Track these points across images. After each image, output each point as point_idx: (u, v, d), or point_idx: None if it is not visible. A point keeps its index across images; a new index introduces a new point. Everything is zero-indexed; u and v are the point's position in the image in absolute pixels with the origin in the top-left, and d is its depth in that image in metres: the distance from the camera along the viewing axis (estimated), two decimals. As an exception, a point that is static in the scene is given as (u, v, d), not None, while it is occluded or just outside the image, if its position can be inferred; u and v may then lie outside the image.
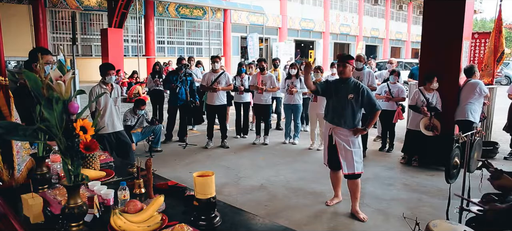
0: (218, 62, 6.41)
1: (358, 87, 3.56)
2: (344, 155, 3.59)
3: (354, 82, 3.60)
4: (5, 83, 2.15)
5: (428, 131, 5.12)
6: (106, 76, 4.43)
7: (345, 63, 3.57)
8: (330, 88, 3.71)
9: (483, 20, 44.51)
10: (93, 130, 1.48)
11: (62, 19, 14.23)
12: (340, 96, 3.61)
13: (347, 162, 3.58)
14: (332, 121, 3.65)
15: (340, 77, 3.65)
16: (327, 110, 3.75)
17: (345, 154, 3.58)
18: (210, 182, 1.63)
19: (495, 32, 6.43)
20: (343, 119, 3.58)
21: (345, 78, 3.61)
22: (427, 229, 2.17)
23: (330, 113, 3.70)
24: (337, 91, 3.65)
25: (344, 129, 3.59)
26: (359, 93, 3.53)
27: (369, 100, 3.55)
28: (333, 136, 3.65)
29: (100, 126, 4.14)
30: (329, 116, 3.70)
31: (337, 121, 3.61)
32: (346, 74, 3.60)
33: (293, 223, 3.50)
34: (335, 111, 3.64)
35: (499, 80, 16.30)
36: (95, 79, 9.33)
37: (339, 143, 3.60)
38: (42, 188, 2.01)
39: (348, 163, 3.58)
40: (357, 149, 3.61)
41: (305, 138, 6.86)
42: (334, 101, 3.66)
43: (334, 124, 3.64)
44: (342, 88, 3.62)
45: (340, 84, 3.66)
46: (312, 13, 23.06)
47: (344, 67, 3.57)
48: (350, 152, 3.57)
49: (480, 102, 5.26)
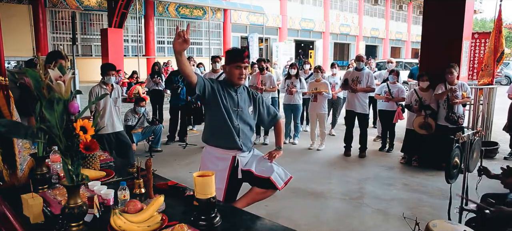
0: (218, 62, 6.41)
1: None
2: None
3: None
4: (5, 83, 2.15)
5: (422, 129, 5.12)
6: (105, 77, 4.44)
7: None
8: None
9: (483, 20, 44.51)
10: (93, 130, 1.48)
11: (62, 19, 14.23)
12: None
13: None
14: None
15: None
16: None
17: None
18: (210, 182, 1.63)
19: (495, 32, 6.43)
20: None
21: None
22: (427, 229, 2.17)
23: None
24: None
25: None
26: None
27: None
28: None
29: (100, 126, 4.13)
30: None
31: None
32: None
33: (293, 223, 3.50)
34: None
35: (499, 80, 16.29)
36: (95, 79, 9.33)
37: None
38: (42, 188, 2.00)
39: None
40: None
41: (305, 138, 6.86)
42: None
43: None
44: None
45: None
46: (312, 13, 23.07)
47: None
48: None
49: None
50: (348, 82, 5.79)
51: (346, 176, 4.98)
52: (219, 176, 2.53)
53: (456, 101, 4.91)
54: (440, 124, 5.09)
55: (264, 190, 2.65)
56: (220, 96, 2.54)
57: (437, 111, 5.14)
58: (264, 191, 2.66)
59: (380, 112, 6.39)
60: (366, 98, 5.88)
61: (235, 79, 2.54)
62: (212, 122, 2.63)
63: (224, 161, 2.64)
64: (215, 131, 2.63)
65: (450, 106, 4.97)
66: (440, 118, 5.11)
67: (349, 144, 6.01)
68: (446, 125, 5.02)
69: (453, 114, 4.95)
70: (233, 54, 2.55)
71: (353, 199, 4.17)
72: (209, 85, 2.48)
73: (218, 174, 2.49)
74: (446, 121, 5.00)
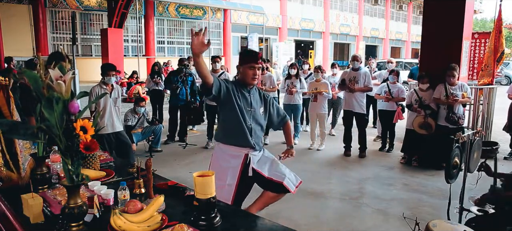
0: (218, 62, 6.41)
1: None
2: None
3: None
4: (5, 83, 2.15)
5: (422, 129, 5.12)
6: (105, 77, 4.44)
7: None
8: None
9: (483, 20, 44.49)
10: (93, 130, 1.48)
11: (62, 19, 14.23)
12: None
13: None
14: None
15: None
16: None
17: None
18: (210, 182, 1.63)
19: (495, 32, 6.42)
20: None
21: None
22: (427, 229, 2.17)
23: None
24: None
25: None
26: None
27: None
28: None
29: (100, 126, 4.14)
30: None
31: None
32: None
33: (293, 223, 3.50)
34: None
35: (499, 80, 16.29)
36: (95, 79, 9.33)
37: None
38: (42, 188, 2.00)
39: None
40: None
41: (305, 138, 6.86)
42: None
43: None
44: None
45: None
46: (312, 13, 23.07)
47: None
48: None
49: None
50: (346, 82, 5.80)
51: (346, 176, 4.98)
52: (231, 173, 2.64)
53: (456, 99, 4.91)
54: (440, 124, 5.09)
55: (276, 194, 2.75)
56: (235, 96, 2.61)
57: (437, 112, 5.14)
58: (276, 195, 2.76)
59: (380, 112, 6.39)
60: (363, 98, 5.88)
61: (249, 79, 2.63)
62: (226, 121, 2.69)
63: (237, 158, 2.70)
64: (229, 129, 2.69)
65: (450, 106, 4.97)
66: (440, 118, 5.11)
67: (349, 144, 6.01)
68: (446, 125, 5.02)
69: (453, 115, 4.95)
70: (247, 55, 2.66)
71: (353, 199, 4.17)
72: (224, 86, 2.55)
73: (230, 170, 2.61)
74: (447, 121, 5.00)
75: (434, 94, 5.11)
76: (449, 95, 4.93)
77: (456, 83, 4.99)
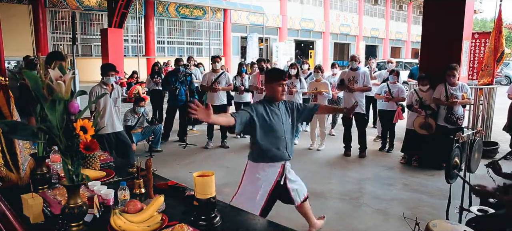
0: (218, 62, 6.41)
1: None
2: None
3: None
4: (5, 83, 2.15)
5: (422, 129, 5.12)
6: (105, 77, 4.44)
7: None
8: None
9: (483, 20, 44.48)
10: (93, 130, 1.48)
11: (62, 19, 14.24)
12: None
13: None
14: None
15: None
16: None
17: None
18: (210, 182, 1.63)
19: (495, 32, 6.42)
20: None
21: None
22: (427, 229, 2.17)
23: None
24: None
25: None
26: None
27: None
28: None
29: (100, 126, 4.14)
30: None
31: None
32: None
33: (293, 223, 3.49)
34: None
35: (499, 80, 16.29)
36: (95, 79, 9.33)
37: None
38: (42, 188, 2.00)
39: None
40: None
41: (305, 138, 6.86)
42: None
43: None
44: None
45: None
46: (312, 13, 23.08)
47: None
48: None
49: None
50: (344, 82, 5.80)
51: (346, 176, 4.98)
52: (264, 186, 2.81)
53: (456, 101, 4.91)
54: (440, 124, 5.09)
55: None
56: (267, 116, 2.75)
57: (437, 112, 5.15)
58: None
59: (380, 112, 6.39)
60: (363, 98, 5.88)
61: (279, 95, 2.80)
62: (262, 141, 2.76)
63: (274, 168, 2.85)
64: (266, 151, 2.79)
65: (450, 107, 4.98)
66: (439, 118, 5.11)
67: (349, 144, 6.01)
68: (445, 125, 5.02)
69: (452, 115, 4.96)
70: (276, 73, 2.85)
71: (353, 199, 4.17)
72: (248, 118, 2.64)
73: (264, 183, 2.78)
74: (445, 121, 5.01)
75: (434, 94, 5.11)
76: (449, 96, 4.93)
77: (456, 84, 4.99)
